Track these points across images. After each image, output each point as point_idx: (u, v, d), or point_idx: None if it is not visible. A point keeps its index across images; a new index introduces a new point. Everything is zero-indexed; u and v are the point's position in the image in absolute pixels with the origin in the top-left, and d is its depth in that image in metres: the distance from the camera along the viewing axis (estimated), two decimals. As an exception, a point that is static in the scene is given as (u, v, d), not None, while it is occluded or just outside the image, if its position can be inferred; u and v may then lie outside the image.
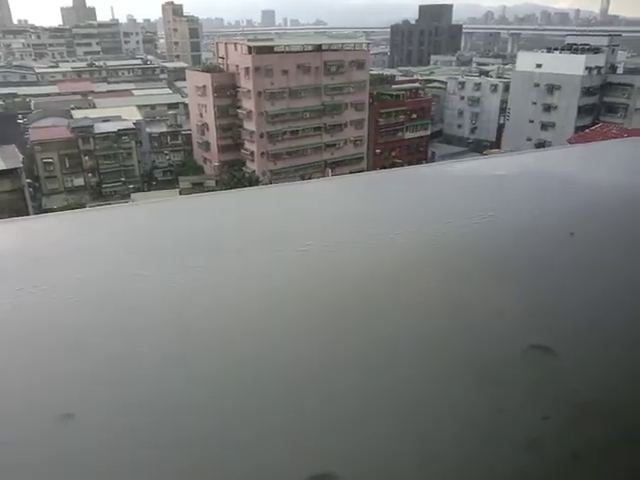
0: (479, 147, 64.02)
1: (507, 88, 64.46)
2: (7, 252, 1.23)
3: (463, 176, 1.83)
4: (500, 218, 1.36)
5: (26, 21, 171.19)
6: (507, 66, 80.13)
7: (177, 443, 0.65)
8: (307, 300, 0.99)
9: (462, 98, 70.89)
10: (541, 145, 53.62)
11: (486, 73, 78.42)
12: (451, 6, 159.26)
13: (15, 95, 64.61)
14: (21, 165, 39.46)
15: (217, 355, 0.82)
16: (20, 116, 54.71)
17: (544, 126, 58.40)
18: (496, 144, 63.01)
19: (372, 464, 0.63)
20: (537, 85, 58.28)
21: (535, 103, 58.76)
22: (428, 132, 62.75)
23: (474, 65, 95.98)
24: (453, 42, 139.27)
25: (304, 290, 1.03)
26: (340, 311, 0.95)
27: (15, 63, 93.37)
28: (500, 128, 65.58)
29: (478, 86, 69.64)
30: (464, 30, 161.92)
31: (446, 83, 73.49)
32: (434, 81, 76.43)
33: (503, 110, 64.79)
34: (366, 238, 1.21)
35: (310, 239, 1.20)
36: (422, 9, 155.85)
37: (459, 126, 71.92)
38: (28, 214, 36.49)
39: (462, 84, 71.20)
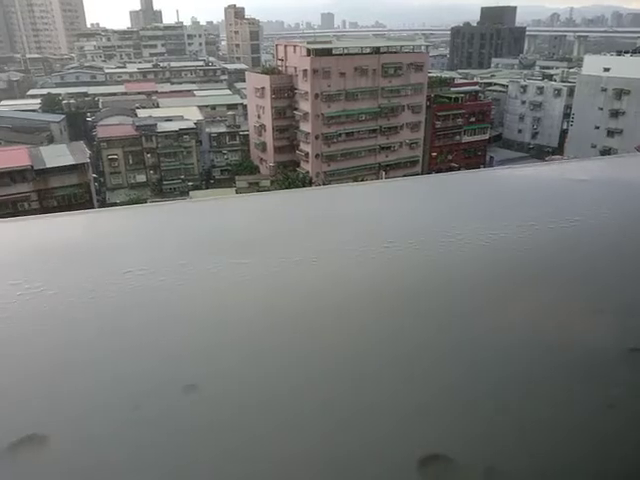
0: (540, 153, 61.96)
1: (572, 92, 62.07)
2: (116, 237, 1.37)
3: (536, 180, 1.85)
4: (587, 223, 1.39)
5: (98, 24, 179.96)
6: (572, 70, 77.12)
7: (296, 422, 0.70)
8: (399, 297, 1.03)
9: (523, 102, 68.83)
10: (606, 152, 51.31)
11: (550, 77, 75.76)
12: (514, 8, 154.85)
13: (85, 94, 67.95)
14: (88, 160, 41.49)
15: (335, 342, 0.87)
16: (89, 114, 57.59)
17: (610, 133, 55.84)
18: (558, 150, 60.78)
19: (486, 448, 0.66)
20: (604, 90, 55.80)
21: (601, 109, 56.28)
22: (487, 136, 61.31)
23: (537, 68, 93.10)
24: (516, 45, 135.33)
25: (393, 286, 1.06)
26: (445, 305, 0.99)
27: (86, 64, 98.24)
28: (563, 134, 63.21)
29: (541, 90, 67.42)
30: (527, 32, 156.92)
31: (507, 87, 71.59)
32: (494, 84, 74.65)
33: (567, 115, 62.44)
34: (456, 238, 1.26)
35: (394, 238, 1.25)
36: (484, 11, 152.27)
37: (519, 131, 69.86)
38: (93, 207, 38.32)
39: (524, 88, 69.13)
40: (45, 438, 0.66)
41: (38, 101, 62.81)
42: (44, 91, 70.39)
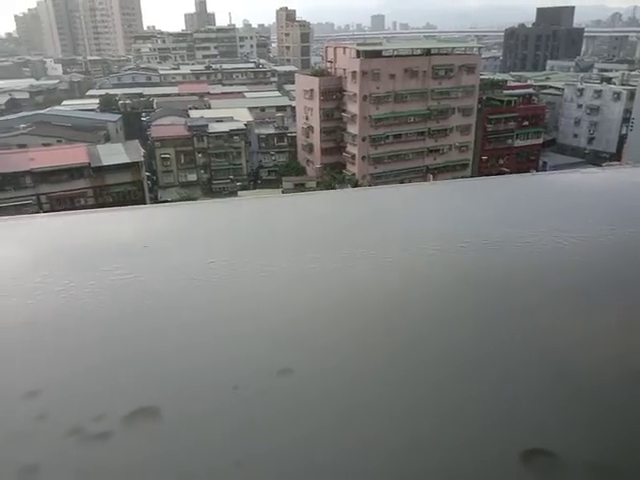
0: (596, 159, 59.63)
1: (632, 96, 59.43)
2: (196, 228, 1.45)
3: (606, 185, 1.81)
4: None
5: (154, 27, 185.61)
6: (634, 72, 73.89)
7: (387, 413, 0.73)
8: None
9: (580, 106, 66.47)
10: (669, 159, 48.81)
11: (608, 80, 72.84)
12: (572, 8, 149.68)
13: (141, 95, 70.33)
14: (142, 159, 42.91)
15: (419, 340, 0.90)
16: (144, 114, 59.56)
17: (674, 138, 53.12)
18: (616, 156, 58.36)
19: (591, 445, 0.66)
20: (669, 93, 53.20)
21: (665, 113, 53.67)
22: (540, 140, 59.57)
23: (595, 71, 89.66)
24: (573, 46, 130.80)
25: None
26: (529, 305, 1.00)
27: (142, 65, 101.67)
28: (621, 139, 60.62)
29: (599, 93, 64.94)
30: (586, 34, 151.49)
31: (562, 90, 69.32)
32: (549, 87, 72.46)
33: (626, 120, 59.84)
34: (517, 240, 1.26)
35: (469, 238, 1.26)
36: (540, 12, 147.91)
37: (575, 135, 67.49)
38: (145, 204, 39.53)
39: (580, 91, 66.77)
40: (156, 410, 0.72)
41: (96, 101, 65.44)
42: (102, 92, 73.36)
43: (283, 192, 43.79)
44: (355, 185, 44.54)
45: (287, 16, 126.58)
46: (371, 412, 0.73)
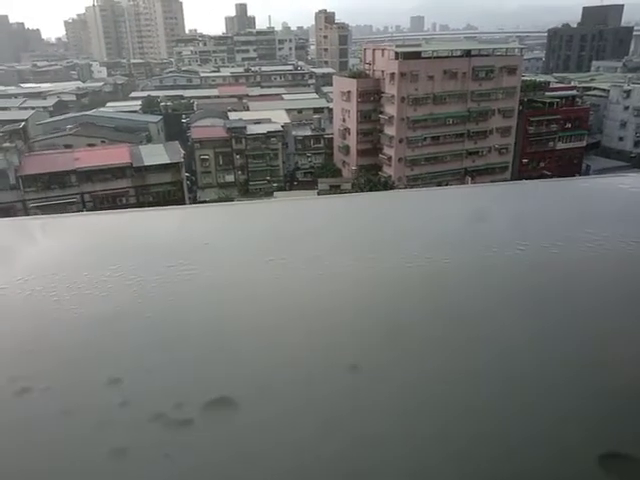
0: (643, 162, 57.48)
1: (683, 97, 57.06)
2: (256, 228, 1.52)
3: None
4: None
5: (195, 30, 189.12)
6: (686, 73, 70.92)
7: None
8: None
9: (626, 108, 64.18)
10: None
11: (658, 80, 70.12)
12: (621, 7, 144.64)
13: (181, 97, 71.84)
14: (182, 160, 43.82)
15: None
16: (184, 116, 60.76)
17: None
18: (665, 160, 56.10)
19: None
20: None
21: None
22: (583, 143, 57.82)
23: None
24: (620, 46, 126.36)
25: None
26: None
27: (183, 68, 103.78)
28: (671, 142, 58.25)
29: (647, 95, 62.58)
30: (635, 32, 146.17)
31: (608, 91, 67.08)
32: (594, 89, 70.18)
33: (676, 122, 57.47)
34: (595, 244, 1.26)
35: (528, 241, 1.28)
36: (586, 11, 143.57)
37: (620, 138, 65.21)
38: (185, 204, 40.36)
39: (627, 92, 64.43)
40: (233, 400, 0.76)
41: (139, 103, 67.12)
42: (144, 93, 75.21)
43: (319, 193, 43.91)
44: (391, 187, 44.28)
45: (326, 18, 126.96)
46: (442, 408, 0.74)
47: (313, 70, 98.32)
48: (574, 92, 62.43)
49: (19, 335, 0.96)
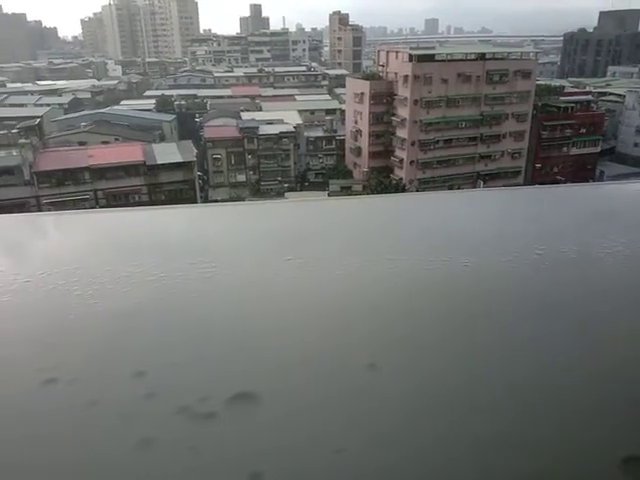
0: (658, 169, 56.80)
1: (701, 104, 56.35)
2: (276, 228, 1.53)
3: None
4: None
5: (210, 30, 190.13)
6: None
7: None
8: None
9: (642, 114, 63.51)
10: None
11: (675, 86, 69.31)
12: (638, 12, 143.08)
13: (195, 96, 72.23)
14: (194, 159, 44.04)
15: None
16: (197, 115, 61.08)
17: None
18: (680, 167, 55.41)
19: None
20: None
21: None
22: (598, 149, 57.30)
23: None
24: (637, 52, 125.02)
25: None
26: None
27: (197, 68, 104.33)
28: (687, 149, 57.52)
29: (664, 101, 61.84)
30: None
31: (624, 97, 66.44)
32: (609, 94, 69.53)
33: (693, 129, 56.75)
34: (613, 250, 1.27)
35: (545, 246, 1.29)
36: (603, 15, 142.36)
37: (635, 145, 64.50)
38: (196, 203, 40.56)
39: (644, 98, 63.78)
40: (255, 395, 0.77)
41: (153, 101, 67.54)
42: (158, 92, 75.71)
43: (329, 194, 43.94)
44: (402, 190, 44.17)
45: (340, 20, 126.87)
46: (462, 407, 0.75)
47: (326, 71, 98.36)
48: (589, 97, 61.90)
49: (44, 327, 0.97)
